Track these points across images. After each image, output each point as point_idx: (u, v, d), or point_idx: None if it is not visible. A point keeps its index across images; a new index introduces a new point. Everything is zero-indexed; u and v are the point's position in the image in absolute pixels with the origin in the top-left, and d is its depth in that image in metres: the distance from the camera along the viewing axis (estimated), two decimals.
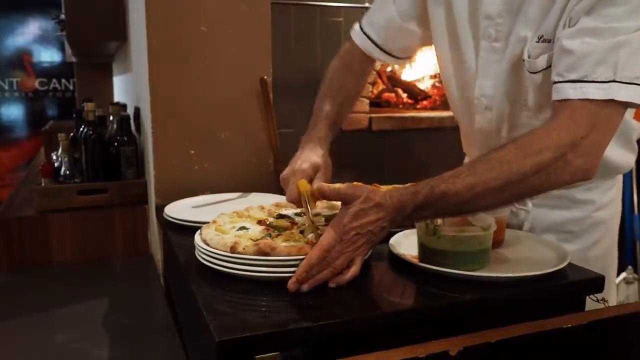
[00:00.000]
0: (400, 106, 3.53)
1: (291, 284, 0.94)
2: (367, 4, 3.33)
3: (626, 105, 0.96)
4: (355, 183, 1.55)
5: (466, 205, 0.95)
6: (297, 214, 1.20)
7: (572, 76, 0.96)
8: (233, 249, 0.99)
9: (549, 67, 1.04)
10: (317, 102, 1.40)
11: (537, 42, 1.06)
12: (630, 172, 3.28)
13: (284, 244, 1.00)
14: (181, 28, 1.68)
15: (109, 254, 1.92)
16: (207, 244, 1.03)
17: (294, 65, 3.22)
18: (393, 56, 1.40)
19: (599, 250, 1.25)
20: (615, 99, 0.93)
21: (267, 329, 0.82)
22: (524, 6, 1.08)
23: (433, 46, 1.31)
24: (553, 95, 0.99)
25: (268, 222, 1.14)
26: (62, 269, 1.83)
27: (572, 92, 0.95)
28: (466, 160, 1.41)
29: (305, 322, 0.86)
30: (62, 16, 2.87)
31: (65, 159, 2.02)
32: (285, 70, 3.09)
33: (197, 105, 1.72)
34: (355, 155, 3.41)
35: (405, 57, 1.42)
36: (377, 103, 3.44)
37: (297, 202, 1.13)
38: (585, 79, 0.94)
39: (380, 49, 1.38)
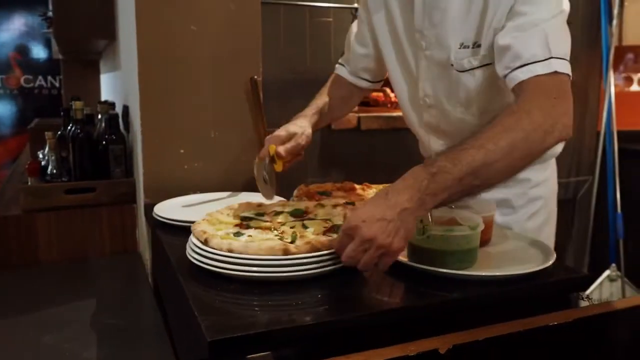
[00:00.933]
0: (389, 105, 3.54)
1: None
2: (355, 5, 3.34)
3: (568, 76, 1.11)
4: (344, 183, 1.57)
5: (480, 170, 0.97)
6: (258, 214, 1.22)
7: (517, 63, 1.11)
8: (286, 252, 0.98)
9: (471, 68, 1.25)
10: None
11: (460, 48, 1.24)
12: (613, 170, 3.33)
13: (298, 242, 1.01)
14: (171, 27, 1.67)
15: (97, 253, 1.91)
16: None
17: (284, 64, 3.22)
18: (368, 80, 1.63)
19: (536, 222, 1.44)
20: (558, 70, 1.08)
21: (259, 329, 0.83)
22: (444, 20, 1.25)
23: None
24: (508, 85, 1.14)
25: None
26: (49, 268, 1.82)
27: (521, 75, 1.10)
28: (431, 148, 1.55)
29: (297, 321, 0.86)
30: (50, 13, 2.85)
31: (53, 158, 2.01)
32: (275, 70, 3.09)
33: (187, 104, 1.72)
34: (344, 154, 3.42)
35: (377, 80, 1.64)
36: (365, 102, 3.45)
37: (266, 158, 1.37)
38: (529, 62, 1.10)
39: (356, 76, 1.63)
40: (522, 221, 1.42)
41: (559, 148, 1.41)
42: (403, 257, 1.06)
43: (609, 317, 0.98)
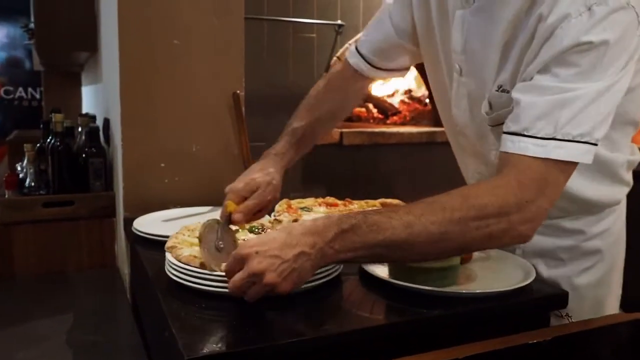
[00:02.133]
0: (371, 121, 3.56)
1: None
2: (339, 21, 3.37)
3: (572, 163, 0.92)
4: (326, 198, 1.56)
5: (398, 247, 0.88)
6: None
7: (513, 128, 0.93)
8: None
9: (502, 124, 1.01)
10: (290, 119, 1.40)
11: (497, 90, 1.04)
12: None
13: None
14: (153, 41, 1.67)
15: (75, 267, 1.88)
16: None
17: (267, 79, 3.23)
18: (386, 70, 1.38)
19: (589, 279, 1.19)
20: (551, 157, 0.89)
21: (237, 347, 0.82)
22: (484, 51, 1.06)
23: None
24: (499, 150, 0.96)
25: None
26: (24, 282, 1.79)
27: (510, 145, 0.93)
28: (467, 174, 1.35)
29: (275, 339, 0.85)
30: (31, 25, 2.83)
31: (31, 170, 1.98)
32: (258, 85, 3.09)
33: (168, 118, 1.71)
34: (326, 169, 3.42)
35: (401, 69, 1.40)
36: (348, 118, 3.47)
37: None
38: (525, 133, 0.91)
39: (374, 66, 1.37)
40: (571, 276, 1.19)
41: (619, 196, 1.21)
42: (384, 274, 1.06)
43: (589, 335, 0.98)
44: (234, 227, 1.15)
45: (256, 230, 1.16)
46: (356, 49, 1.39)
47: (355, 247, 0.87)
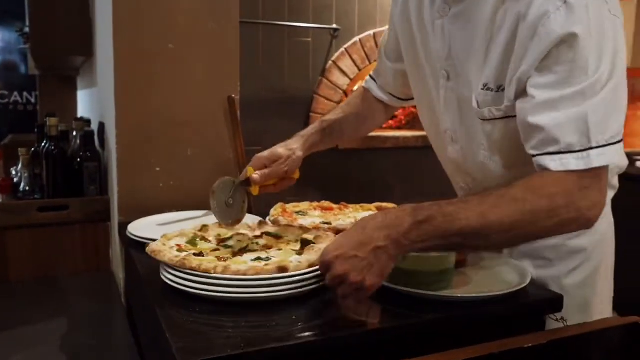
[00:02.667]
0: None
1: None
2: (334, 25, 3.38)
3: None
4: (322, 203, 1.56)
5: (474, 236, 0.91)
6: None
7: (549, 149, 0.95)
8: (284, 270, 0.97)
9: (492, 119, 1.07)
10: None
11: (482, 89, 1.07)
12: None
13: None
14: (148, 45, 1.67)
15: (69, 271, 1.88)
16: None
17: (262, 83, 3.23)
18: (398, 98, 1.48)
19: (576, 279, 1.21)
20: (595, 165, 0.92)
21: (232, 351, 0.82)
22: (466, 53, 1.09)
23: None
24: (536, 167, 0.98)
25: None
26: (19, 287, 1.78)
27: (553, 164, 0.94)
28: (457, 186, 1.36)
29: (270, 343, 0.85)
30: (26, 29, 2.82)
31: (26, 175, 1.98)
32: (253, 89, 3.10)
33: (164, 122, 1.71)
34: (321, 173, 3.42)
35: (407, 98, 1.46)
36: None
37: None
38: (563, 150, 0.93)
39: (386, 91, 1.47)
40: (560, 277, 1.21)
41: (616, 183, 1.25)
42: None
43: (584, 339, 0.98)
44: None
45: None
46: (371, 76, 1.50)
47: (430, 236, 0.90)
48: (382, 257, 0.90)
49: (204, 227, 1.25)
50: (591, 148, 0.92)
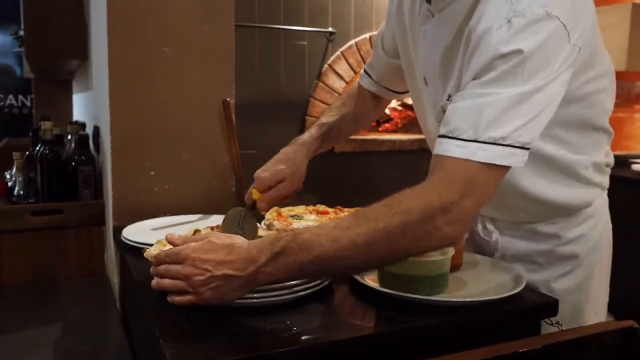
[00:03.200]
0: None
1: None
2: (330, 29, 3.38)
3: (499, 166, 0.91)
4: (318, 206, 1.56)
5: (330, 261, 0.90)
6: None
7: (442, 130, 0.95)
8: None
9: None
10: (320, 116, 1.49)
11: (447, 99, 1.07)
12: None
13: None
14: (143, 48, 1.67)
15: (64, 276, 1.87)
16: None
17: (258, 87, 3.23)
18: (393, 91, 1.48)
19: (567, 284, 1.20)
20: (472, 159, 0.89)
21: (225, 357, 0.81)
22: (435, 61, 1.11)
23: None
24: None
25: None
26: (13, 291, 1.78)
27: (437, 147, 0.94)
28: None
29: (264, 349, 0.85)
30: (21, 32, 2.82)
31: (20, 179, 1.97)
32: (249, 92, 3.10)
33: (158, 125, 1.70)
34: (318, 177, 3.41)
35: (404, 91, 1.45)
36: None
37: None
38: (450, 135, 0.92)
39: (379, 84, 1.47)
40: (549, 281, 1.20)
41: (589, 198, 1.21)
42: (374, 283, 1.06)
43: (580, 343, 0.98)
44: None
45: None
46: (365, 71, 1.49)
47: (287, 268, 0.90)
48: (233, 285, 0.91)
49: (196, 232, 1.24)
50: (476, 141, 0.90)
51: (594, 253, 1.22)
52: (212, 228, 1.26)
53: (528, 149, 0.92)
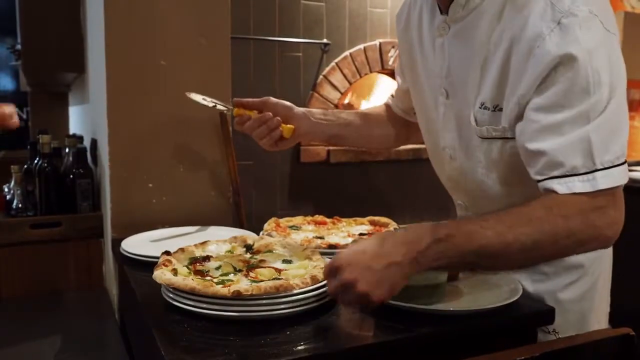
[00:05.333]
0: None
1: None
2: (325, 40, 3.40)
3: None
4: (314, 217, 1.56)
5: (492, 256, 0.91)
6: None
7: (554, 173, 0.94)
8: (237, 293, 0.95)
9: (490, 137, 1.07)
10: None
11: (480, 108, 1.07)
12: None
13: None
14: (140, 61, 1.68)
15: (63, 289, 1.87)
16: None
17: (253, 98, 3.24)
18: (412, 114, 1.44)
19: (573, 293, 1.19)
20: (600, 187, 0.91)
21: None
22: (465, 70, 1.09)
23: None
24: (542, 191, 0.97)
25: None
26: (11, 305, 1.77)
27: (559, 187, 0.94)
28: (456, 202, 1.35)
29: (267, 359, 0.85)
30: (18, 46, 2.83)
31: (18, 192, 1.97)
32: None
33: (156, 138, 1.71)
34: (313, 187, 3.43)
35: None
36: None
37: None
38: (567, 174, 0.93)
39: (400, 109, 1.48)
40: (555, 291, 1.19)
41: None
42: None
43: (577, 351, 0.99)
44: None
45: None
46: (392, 96, 1.50)
47: (448, 255, 0.90)
48: (395, 273, 0.90)
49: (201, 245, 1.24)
50: (596, 170, 0.92)
51: (599, 261, 1.22)
52: (196, 245, 1.25)
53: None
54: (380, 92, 3.76)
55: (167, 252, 1.16)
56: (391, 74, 3.63)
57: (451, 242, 0.89)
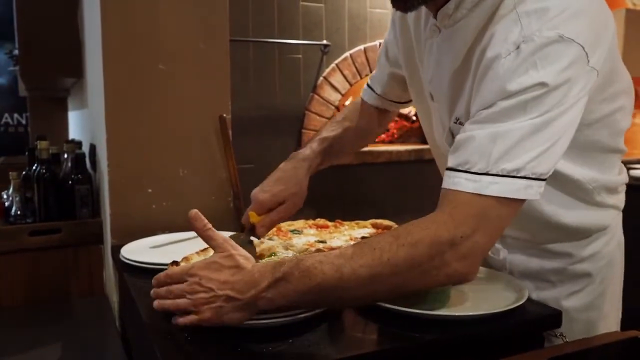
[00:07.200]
0: None
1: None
2: (325, 41, 3.39)
3: (517, 201, 0.87)
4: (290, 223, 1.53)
5: (331, 291, 0.86)
6: None
7: (450, 162, 0.90)
8: None
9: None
10: (319, 130, 1.42)
11: (455, 122, 1.03)
12: None
13: None
14: (139, 66, 1.67)
15: (62, 295, 1.85)
16: None
17: (253, 101, 3.23)
18: (397, 102, 1.41)
19: (579, 302, 1.15)
20: (484, 193, 0.85)
21: None
22: (441, 80, 1.06)
23: None
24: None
25: None
26: (11, 313, 1.76)
27: (446, 180, 0.89)
28: None
29: None
30: (16, 51, 2.82)
31: (17, 198, 1.96)
32: (244, 106, 3.10)
33: (155, 142, 1.70)
34: (315, 190, 3.41)
35: (408, 100, 1.40)
36: None
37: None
38: (459, 168, 0.88)
39: (383, 97, 1.40)
40: (559, 299, 1.15)
41: (603, 221, 1.16)
42: None
43: (585, 355, 0.97)
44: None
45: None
46: (368, 85, 1.43)
47: (287, 294, 0.87)
48: (232, 306, 0.89)
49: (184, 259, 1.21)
50: (488, 174, 0.85)
51: (607, 270, 1.17)
52: (198, 252, 1.23)
53: (544, 180, 0.87)
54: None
55: (175, 263, 1.13)
56: None
57: (289, 281, 0.86)
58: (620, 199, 1.19)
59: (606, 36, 0.93)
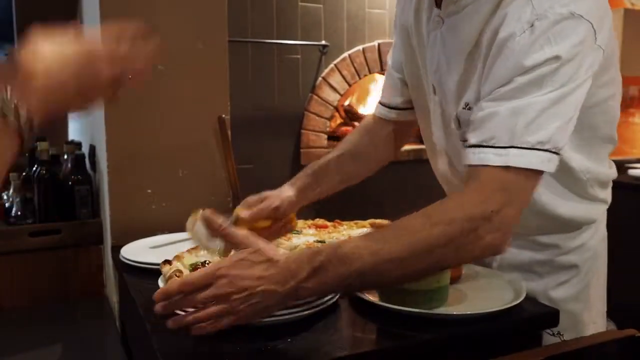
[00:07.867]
0: None
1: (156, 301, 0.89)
2: (323, 42, 3.39)
3: (537, 172, 0.90)
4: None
5: (370, 275, 0.87)
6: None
7: (473, 140, 0.93)
8: None
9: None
10: None
11: (464, 108, 1.05)
12: None
13: None
14: None
15: (62, 296, 1.86)
16: None
17: (252, 101, 3.23)
18: (403, 109, 1.38)
19: (565, 293, 1.19)
20: (512, 165, 0.88)
21: None
22: (449, 66, 1.08)
23: None
24: (462, 161, 0.97)
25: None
26: (11, 314, 1.76)
27: (472, 157, 0.92)
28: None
29: None
30: None
31: (17, 200, 1.96)
32: (243, 107, 3.10)
33: (154, 143, 1.70)
34: None
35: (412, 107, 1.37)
36: (335, 137, 3.48)
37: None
38: (484, 144, 0.91)
39: (391, 107, 1.39)
40: (547, 289, 1.19)
41: (593, 214, 1.20)
42: (373, 297, 1.05)
43: (582, 353, 0.98)
44: None
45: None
46: (379, 102, 1.42)
47: (327, 281, 0.87)
48: (272, 299, 0.86)
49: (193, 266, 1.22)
50: (514, 147, 0.88)
51: (593, 262, 1.22)
52: (189, 250, 1.23)
53: (559, 154, 0.91)
54: (380, 93, 3.76)
55: (167, 261, 1.14)
56: None
57: (328, 269, 0.86)
58: (609, 194, 1.23)
59: (608, 18, 0.97)
